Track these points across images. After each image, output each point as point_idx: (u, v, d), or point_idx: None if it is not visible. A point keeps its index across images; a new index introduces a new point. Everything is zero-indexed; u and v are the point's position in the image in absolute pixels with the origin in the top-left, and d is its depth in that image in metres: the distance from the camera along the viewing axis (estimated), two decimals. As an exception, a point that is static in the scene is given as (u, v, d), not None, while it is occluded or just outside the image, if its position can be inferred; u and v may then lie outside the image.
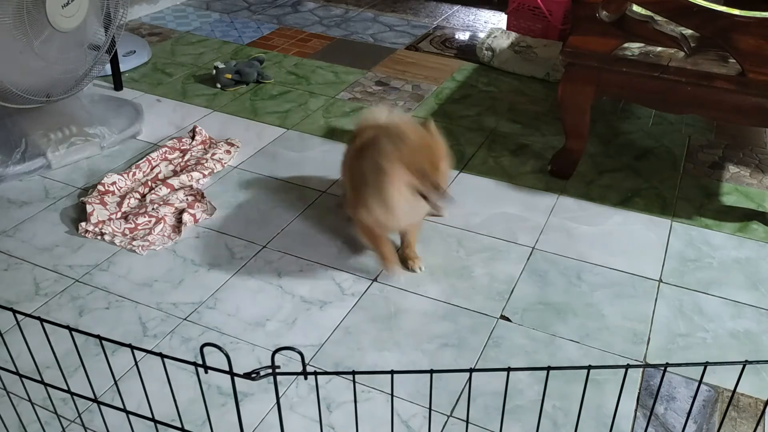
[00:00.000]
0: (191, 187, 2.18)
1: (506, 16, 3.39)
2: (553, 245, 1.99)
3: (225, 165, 2.34)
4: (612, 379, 1.56)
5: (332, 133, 2.56)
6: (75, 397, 1.00)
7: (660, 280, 1.88)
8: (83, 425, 1.16)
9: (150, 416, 0.97)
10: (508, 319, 1.73)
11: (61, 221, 2.05)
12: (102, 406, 1.00)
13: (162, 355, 0.89)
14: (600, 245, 2.00)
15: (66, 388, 0.99)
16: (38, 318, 0.94)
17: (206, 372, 0.86)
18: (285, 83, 2.93)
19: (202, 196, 2.14)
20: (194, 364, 0.86)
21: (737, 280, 1.88)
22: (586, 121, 2.22)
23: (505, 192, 2.24)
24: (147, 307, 1.75)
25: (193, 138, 2.45)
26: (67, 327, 0.92)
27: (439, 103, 2.80)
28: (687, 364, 0.77)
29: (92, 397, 0.99)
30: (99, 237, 1.97)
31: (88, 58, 2.29)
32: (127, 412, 0.99)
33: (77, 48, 2.20)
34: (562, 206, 2.17)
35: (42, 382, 1.00)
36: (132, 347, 0.89)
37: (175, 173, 2.26)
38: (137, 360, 0.92)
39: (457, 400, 1.51)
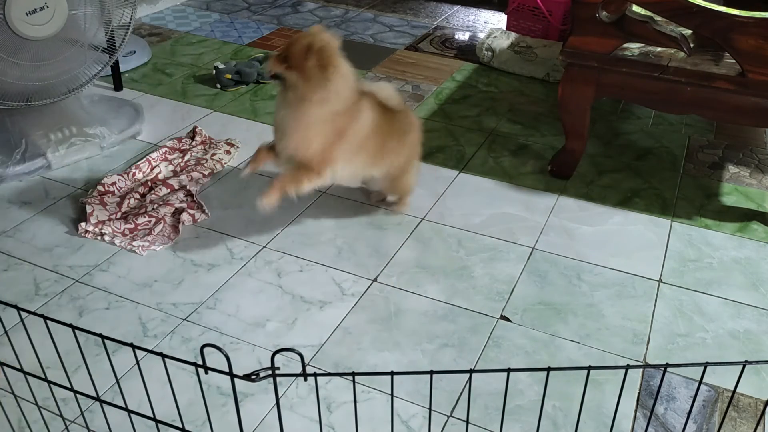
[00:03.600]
0: (187, 188, 2.18)
1: (506, 16, 3.39)
2: (553, 245, 1.99)
3: (225, 165, 2.34)
4: (612, 380, 1.56)
5: (332, 134, 2.56)
6: (78, 395, 1.00)
7: (660, 280, 1.88)
8: (86, 425, 1.16)
9: (151, 416, 0.97)
10: (508, 319, 1.73)
11: (61, 221, 2.05)
12: (103, 406, 1.01)
13: (163, 355, 0.90)
14: (600, 245, 2.00)
15: (69, 386, 0.99)
16: (42, 316, 0.94)
17: (206, 373, 0.86)
18: (285, 83, 2.93)
19: (193, 199, 2.14)
20: (194, 364, 0.86)
21: (737, 280, 1.88)
22: (586, 121, 2.22)
23: (505, 192, 2.24)
24: (147, 308, 1.75)
25: (193, 138, 2.45)
26: (70, 325, 0.92)
27: (439, 104, 2.80)
28: (687, 365, 0.78)
29: (94, 395, 0.99)
30: (99, 237, 1.97)
31: (80, 61, 2.26)
32: (129, 411, 1.00)
33: (60, 54, 2.17)
34: (562, 206, 2.17)
35: (45, 379, 1.00)
36: (133, 347, 0.89)
37: (175, 173, 2.26)
38: (138, 359, 0.92)
39: (457, 401, 1.51)
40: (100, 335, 0.92)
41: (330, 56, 1.74)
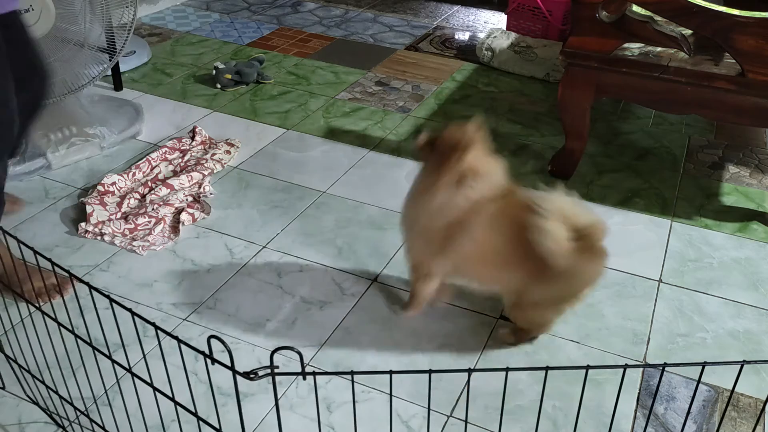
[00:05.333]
0: (196, 186, 2.18)
1: (506, 16, 3.40)
2: (553, 245, 1.99)
3: (225, 165, 2.34)
4: (612, 379, 1.56)
5: (332, 134, 2.56)
6: (115, 364, 1.12)
7: (660, 280, 1.88)
8: (121, 394, 1.19)
9: (170, 396, 1.03)
10: (508, 320, 1.73)
11: (61, 221, 2.05)
12: (134, 379, 1.10)
13: (178, 339, 0.94)
14: (600, 245, 2.00)
15: (108, 353, 1.12)
16: (87, 283, 1.08)
17: (213, 363, 0.87)
18: (285, 83, 2.94)
19: (198, 199, 2.14)
20: (203, 353, 0.88)
21: (737, 280, 1.88)
22: (586, 121, 2.22)
23: (505, 192, 2.24)
24: (147, 308, 1.75)
25: (192, 138, 2.45)
26: (107, 296, 1.04)
27: (439, 104, 2.80)
28: (685, 364, 0.78)
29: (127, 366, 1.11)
30: (99, 237, 1.97)
31: (79, 61, 2.26)
32: (154, 388, 1.06)
33: (54, 55, 2.15)
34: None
35: (90, 344, 1.13)
36: (156, 326, 0.97)
37: (175, 173, 2.26)
38: (157, 341, 0.94)
39: (457, 400, 1.51)
40: (129, 310, 1.02)
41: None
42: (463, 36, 3.50)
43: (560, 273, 1.43)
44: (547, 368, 0.86)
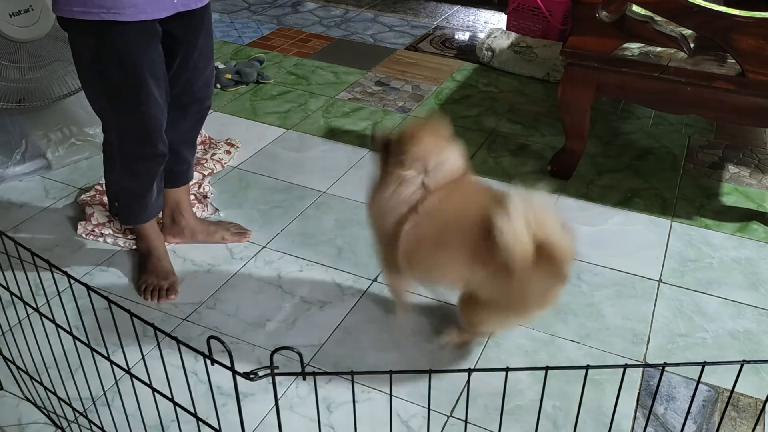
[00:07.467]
0: (195, 185, 2.18)
1: (506, 16, 3.40)
2: (553, 245, 1.99)
3: (225, 165, 2.34)
4: (612, 379, 1.56)
5: (332, 134, 2.56)
6: (114, 366, 1.12)
7: (660, 280, 1.88)
8: (120, 395, 1.20)
9: (169, 396, 1.04)
10: (508, 319, 1.73)
11: (61, 221, 2.05)
12: (133, 380, 1.11)
13: (178, 340, 0.95)
14: (600, 245, 2.00)
15: (106, 354, 1.13)
16: (85, 285, 1.07)
17: (212, 364, 0.87)
18: (285, 83, 2.94)
19: (205, 197, 2.14)
20: (203, 354, 0.88)
21: (737, 280, 1.88)
22: (586, 121, 2.22)
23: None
24: (147, 308, 1.75)
25: (193, 138, 2.44)
26: (106, 298, 1.04)
27: (439, 104, 2.80)
28: (685, 364, 0.78)
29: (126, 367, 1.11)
30: (100, 239, 1.97)
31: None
32: (153, 389, 1.07)
33: (55, 55, 2.16)
34: (562, 206, 2.17)
35: (89, 345, 1.14)
36: (155, 327, 0.97)
37: (175, 173, 2.26)
38: (159, 341, 0.95)
39: (457, 400, 1.51)
40: (128, 311, 1.02)
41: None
42: (463, 36, 3.50)
43: (512, 275, 1.33)
44: (547, 368, 0.86)
